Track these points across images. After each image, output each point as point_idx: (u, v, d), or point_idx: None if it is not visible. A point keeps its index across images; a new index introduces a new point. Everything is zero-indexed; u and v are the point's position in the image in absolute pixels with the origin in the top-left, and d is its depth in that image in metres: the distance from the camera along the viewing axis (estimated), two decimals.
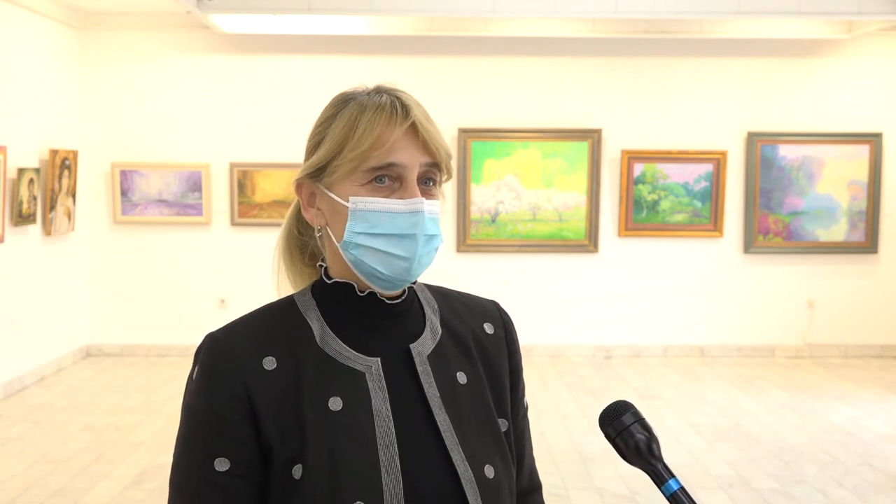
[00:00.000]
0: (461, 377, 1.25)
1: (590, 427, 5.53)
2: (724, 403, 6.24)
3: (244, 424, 1.14)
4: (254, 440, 1.14)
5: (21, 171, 6.33)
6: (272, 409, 1.15)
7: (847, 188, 7.68)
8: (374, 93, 1.20)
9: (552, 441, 5.29)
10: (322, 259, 1.28)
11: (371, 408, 1.17)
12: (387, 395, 1.18)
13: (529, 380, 6.27)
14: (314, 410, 1.15)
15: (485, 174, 7.60)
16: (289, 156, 7.34)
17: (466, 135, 7.53)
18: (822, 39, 7.50)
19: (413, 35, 7.40)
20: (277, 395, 1.15)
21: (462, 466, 1.18)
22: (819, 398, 6.42)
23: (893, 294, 7.79)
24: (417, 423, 1.19)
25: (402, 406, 1.19)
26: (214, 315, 7.36)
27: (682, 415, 5.93)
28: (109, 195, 7.54)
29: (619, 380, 6.95)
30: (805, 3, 6.44)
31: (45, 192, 6.74)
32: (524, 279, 7.70)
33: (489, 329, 1.33)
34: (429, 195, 1.20)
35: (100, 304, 7.64)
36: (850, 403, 6.26)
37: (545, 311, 7.70)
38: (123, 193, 7.50)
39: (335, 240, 1.21)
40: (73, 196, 7.12)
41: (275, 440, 1.14)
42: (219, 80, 7.53)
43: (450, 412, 1.21)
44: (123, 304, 7.64)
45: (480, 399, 1.26)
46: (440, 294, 1.34)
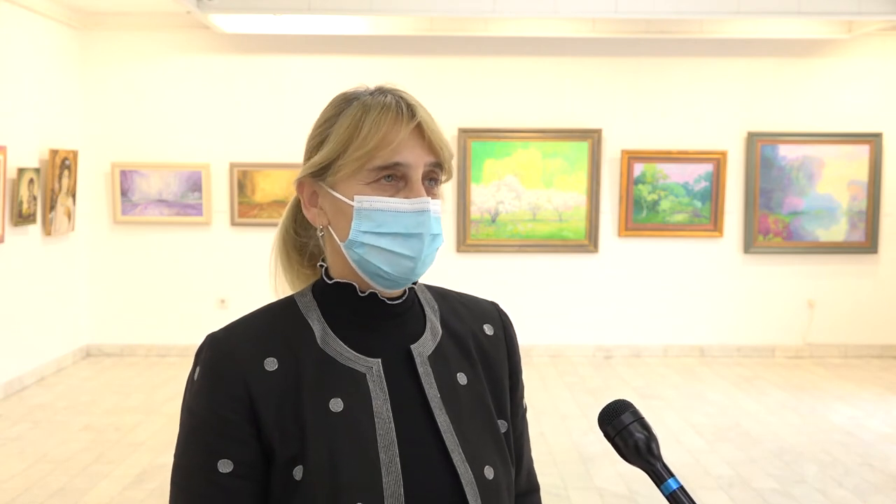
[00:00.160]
0: (461, 378, 1.25)
1: (590, 427, 5.53)
2: (724, 403, 6.24)
3: (245, 425, 1.14)
4: (255, 440, 1.14)
5: (21, 171, 6.33)
6: (273, 410, 1.14)
7: (847, 188, 7.68)
8: (378, 93, 1.20)
9: (552, 441, 5.29)
10: (322, 259, 1.28)
11: (372, 409, 1.17)
12: (387, 396, 1.18)
13: (529, 380, 6.28)
14: (315, 411, 1.15)
15: (485, 174, 7.60)
16: (289, 156, 7.34)
17: (466, 135, 7.53)
18: (822, 39, 7.50)
19: (413, 35, 7.40)
20: (278, 396, 1.15)
21: (462, 467, 1.18)
22: (819, 398, 6.42)
23: (893, 294, 7.79)
24: (418, 424, 1.19)
25: (403, 407, 1.19)
26: (214, 315, 7.36)
27: (682, 415, 5.94)
28: (109, 195, 7.54)
29: (619, 380, 6.95)
30: (805, 3, 6.44)
31: (45, 192, 6.74)
32: (524, 279, 7.70)
33: (489, 330, 1.33)
34: (432, 195, 1.20)
35: (100, 304, 7.64)
36: (850, 403, 6.26)
37: (545, 311, 7.70)
38: (123, 193, 7.50)
39: (338, 239, 1.20)
40: (73, 196, 7.12)
41: (276, 441, 1.14)
42: (219, 80, 7.53)
43: (450, 413, 1.21)
44: (123, 304, 7.64)
45: (480, 400, 1.26)
46: (439, 294, 1.34)
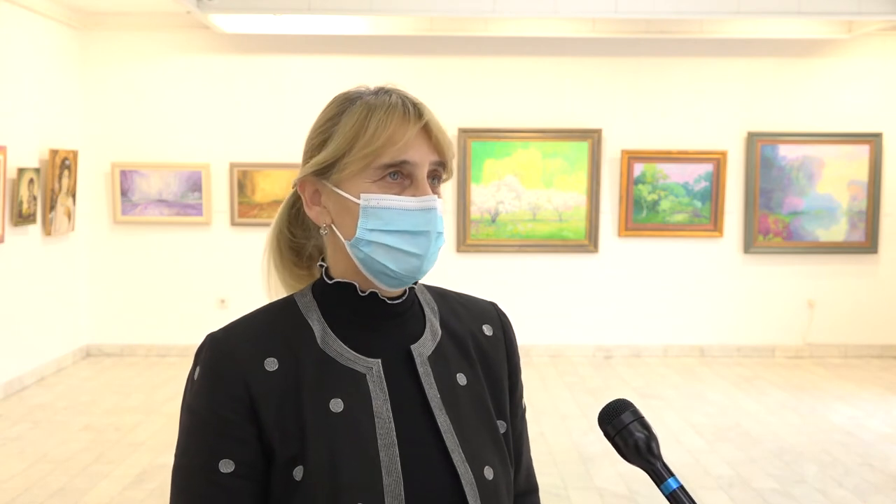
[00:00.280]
0: (461, 378, 1.25)
1: (590, 427, 5.53)
2: (724, 403, 6.24)
3: (246, 425, 1.14)
4: (256, 440, 1.14)
5: (21, 171, 6.33)
6: (273, 410, 1.14)
7: (847, 188, 7.68)
8: (381, 93, 1.21)
9: (552, 441, 5.29)
10: (322, 259, 1.28)
11: (372, 409, 1.17)
12: (387, 397, 1.18)
13: (529, 380, 6.29)
14: (315, 412, 1.15)
15: (485, 174, 7.60)
16: (289, 156, 7.34)
17: (466, 135, 7.53)
18: (822, 39, 7.50)
19: (413, 35, 7.40)
20: (278, 396, 1.15)
21: (462, 467, 1.18)
22: (819, 398, 6.42)
23: (893, 294, 7.79)
24: (418, 425, 1.19)
25: (403, 407, 1.19)
26: (214, 315, 7.36)
27: (682, 415, 5.93)
28: (109, 195, 7.54)
29: (619, 380, 6.95)
30: (805, 3, 6.44)
31: (45, 192, 6.74)
32: (524, 279, 7.70)
33: (488, 331, 1.33)
34: (436, 193, 1.20)
35: (100, 304, 7.64)
36: (850, 403, 6.26)
37: (545, 312, 7.69)
38: (123, 193, 7.50)
39: (342, 237, 1.20)
40: (73, 196, 7.12)
41: (276, 441, 1.14)
42: (219, 80, 7.53)
43: (450, 413, 1.21)
44: (123, 304, 7.64)
45: (480, 400, 1.26)
46: (439, 295, 1.34)
